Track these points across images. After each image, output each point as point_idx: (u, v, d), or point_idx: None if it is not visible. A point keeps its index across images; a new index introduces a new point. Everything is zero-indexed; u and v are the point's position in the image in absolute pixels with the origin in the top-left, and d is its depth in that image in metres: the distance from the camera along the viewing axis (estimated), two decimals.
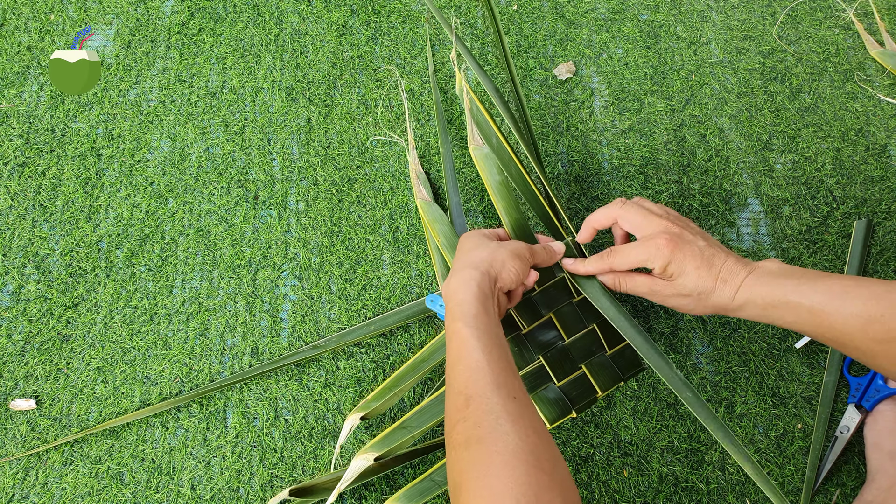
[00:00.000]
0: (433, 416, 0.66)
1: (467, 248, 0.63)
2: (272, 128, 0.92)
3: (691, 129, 0.91)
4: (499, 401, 0.49)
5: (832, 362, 0.77)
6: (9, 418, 0.78)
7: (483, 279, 0.57)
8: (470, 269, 0.58)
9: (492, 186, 0.72)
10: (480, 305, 0.56)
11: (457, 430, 0.49)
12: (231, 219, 0.87)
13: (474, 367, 0.52)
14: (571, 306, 0.69)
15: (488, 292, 0.57)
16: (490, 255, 0.60)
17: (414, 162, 0.86)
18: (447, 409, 0.53)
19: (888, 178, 0.87)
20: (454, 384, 0.52)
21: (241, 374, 0.79)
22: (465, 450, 0.47)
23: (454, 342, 0.54)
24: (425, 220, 0.78)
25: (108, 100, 0.94)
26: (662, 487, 0.74)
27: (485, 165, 0.73)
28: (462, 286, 0.57)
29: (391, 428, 0.66)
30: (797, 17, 0.98)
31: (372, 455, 0.64)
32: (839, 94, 0.92)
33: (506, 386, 0.50)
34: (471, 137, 0.75)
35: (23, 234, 0.86)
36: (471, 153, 0.74)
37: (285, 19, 0.99)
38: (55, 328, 0.82)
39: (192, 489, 0.75)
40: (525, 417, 0.48)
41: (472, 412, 0.49)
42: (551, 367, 0.67)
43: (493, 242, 0.63)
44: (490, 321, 0.55)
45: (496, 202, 0.71)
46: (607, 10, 0.99)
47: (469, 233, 0.67)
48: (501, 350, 0.54)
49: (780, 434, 0.76)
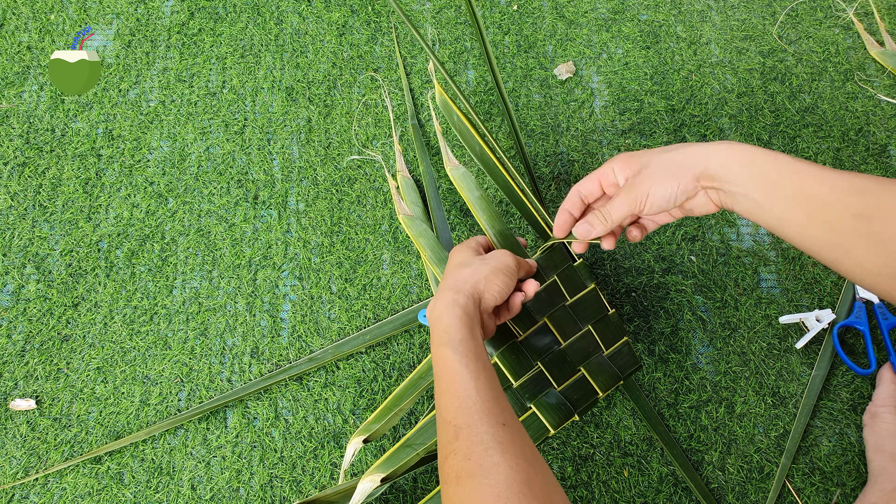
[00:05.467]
0: (435, 432, 0.66)
1: (453, 266, 0.62)
2: (272, 128, 0.92)
3: (691, 129, 0.91)
4: (488, 429, 0.49)
5: (823, 357, 0.77)
6: (9, 418, 0.78)
7: (467, 302, 0.57)
8: (452, 291, 0.57)
9: (472, 202, 0.73)
10: (466, 330, 0.55)
11: (448, 462, 0.49)
12: (231, 219, 0.87)
13: (462, 396, 0.51)
14: (565, 309, 0.68)
15: (473, 315, 0.57)
16: (472, 275, 0.59)
17: (402, 170, 0.85)
18: (438, 438, 0.52)
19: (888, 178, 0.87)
20: (443, 413, 0.52)
21: (242, 389, 0.79)
22: (457, 485, 0.47)
23: (441, 368, 0.54)
24: (410, 234, 0.78)
25: (108, 100, 0.94)
26: (662, 487, 0.74)
27: (463, 184, 0.74)
28: (446, 310, 0.56)
29: (395, 447, 0.66)
30: (797, 17, 0.98)
31: (378, 476, 0.64)
32: (839, 94, 0.92)
33: (494, 413, 0.50)
34: (446, 159, 0.77)
35: (23, 234, 0.86)
36: (448, 174, 0.76)
37: (285, 19, 0.99)
38: (55, 328, 0.82)
39: (192, 489, 0.75)
40: (515, 445, 0.48)
41: (462, 444, 0.48)
42: (550, 372, 0.67)
43: (476, 259, 0.62)
44: (476, 345, 0.55)
45: (477, 216, 0.72)
46: (607, 10, 0.99)
47: (458, 247, 0.66)
48: (488, 375, 0.54)
49: (780, 434, 0.76)
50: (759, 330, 0.80)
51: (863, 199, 0.44)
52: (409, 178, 0.86)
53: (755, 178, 0.49)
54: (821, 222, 0.46)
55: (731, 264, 0.83)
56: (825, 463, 0.74)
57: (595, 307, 0.69)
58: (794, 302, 0.81)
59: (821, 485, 0.74)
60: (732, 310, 0.81)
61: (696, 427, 0.76)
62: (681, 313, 0.81)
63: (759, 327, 0.80)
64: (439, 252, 0.76)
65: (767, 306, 0.81)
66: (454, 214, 0.87)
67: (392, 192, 0.83)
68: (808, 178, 0.47)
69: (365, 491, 0.64)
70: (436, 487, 0.67)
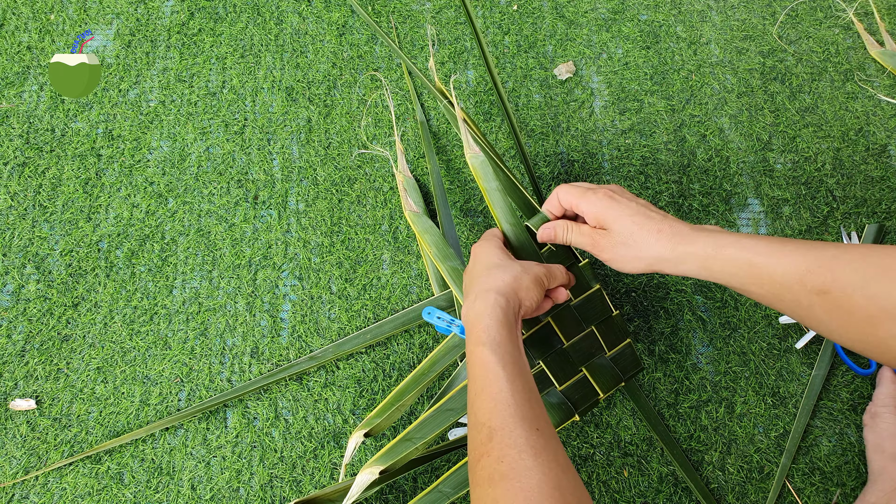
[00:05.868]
0: (435, 427, 0.66)
1: (487, 266, 0.61)
2: (272, 128, 0.92)
3: (691, 129, 0.91)
4: (522, 433, 0.48)
5: (823, 357, 0.77)
6: (9, 418, 0.78)
7: (508, 305, 0.56)
8: (495, 293, 0.57)
9: (489, 193, 0.71)
10: (506, 332, 0.55)
11: (481, 464, 0.49)
12: (231, 219, 0.87)
13: (498, 398, 0.51)
14: (569, 309, 0.68)
15: (513, 318, 0.56)
16: (515, 280, 0.58)
17: (404, 170, 0.85)
18: (470, 439, 0.52)
19: (888, 178, 0.87)
20: (477, 415, 0.52)
21: (242, 388, 0.79)
22: (490, 487, 0.47)
23: (478, 368, 0.54)
24: (415, 231, 0.78)
25: (108, 100, 0.94)
26: (662, 487, 0.74)
27: (481, 173, 0.72)
28: (488, 310, 0.55)
29: (395, 441, 0.66)
30: (797, 17, 0.98)
31: (377, 469, 0.64)
32: (839, 94, 0.92)
33: (529, 418, 0.50)
34: (466, 147, 0.75)
35: (23, 234, 0.86)
36: (467, 161, 0.74)
37: (285, 19, 0.99)
38: (55, 328, 0.82)
39: (192, 489, 0.75)
40: (548, 450, 0.48)
41: (496, 446, 0.48)
42: (552, 372, 0.67)
43: (516, 264, 0.61)
44: (515, 349, 0.54)
45: (493, 209, 0.70)
46: (607, 10, 0.99)
47: (484, 245, 0.65)
48: (525, 379, 0.53)
49: (780, 434, 0.76)
50: (759, 330, 0.80)
51: (819, 277, 0.46)
52: (411, 177, 0.86)
53: (715, 275, 0.53)
54: (786, 301, 0.49)
55: None
56: (825, 463, 0.74)
57: (600, 308, 0.69)
58: None
59: (821, 485, 0.74)
60: (732, 310, 0.81)
61: (696, 427, 0.76)
62: (681, 313, 0.81)
63: (759, 327, 0.80)
64: (444, 249, 0.76)
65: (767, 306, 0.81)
66: (454, 214, 0.87)
67: (399, 188, 0.82)
68: (766, 261, 0.49)
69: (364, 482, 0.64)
70: (429, 487, 0.67)
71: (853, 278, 0.44)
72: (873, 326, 0.43)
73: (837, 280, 0.45)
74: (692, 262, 0.53)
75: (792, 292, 0.47)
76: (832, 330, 0.46)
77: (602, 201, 0.58)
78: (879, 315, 0.43)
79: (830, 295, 0.45)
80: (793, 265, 0.47)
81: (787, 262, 0.48)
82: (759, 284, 0.50)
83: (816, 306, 0.46)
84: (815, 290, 0.46)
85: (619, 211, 0.57)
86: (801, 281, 0.47)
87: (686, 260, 0.54)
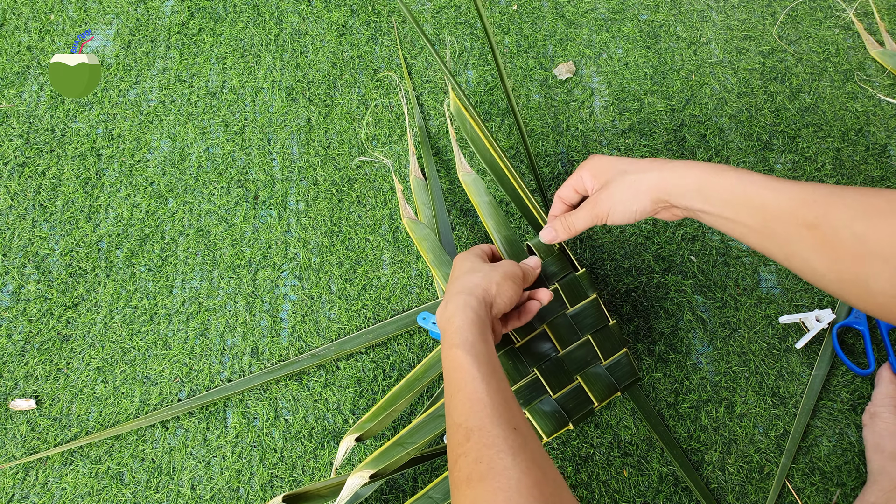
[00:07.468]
0: (428, 432, 0.66)
1: (462, 272, 0.62)
2: (272, 128, 0.92)
3: (691, 129, 0.91)
4: (499, 433, 0.48)
5: (823, 358, 0.78)
6: (9, 418, 0.78)
7: (479, 305, 0.57)
8: (465, 294, 0.58)
9: (481, 207, 0.74)
10: (478, 332, 0.55)
11: (458, 465, 0.49)
12: (231, 219, 0.87)
13: (474, 398, 0.51)
14: (565, 317, 0.68)
15: (485, 318, 0.57)
16: (485, 280, 0.59)
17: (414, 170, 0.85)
18: (448, 441, 0.52)
19: (888, 178, 0.87)
20: (454, 415, 0.52)
21: (243, 382, 0.79)
22: (469, 487, 0.47)
23: (452, 370, 0.54)
24: (413, 238, 0.79)
25: (108, 100, 0.94)
26: (662, 487, 0.74)
27: (474, 189, 0.76)
28: (458, 312, 0.56)
29: (387, 445, 0.66)
30: (797, 17, 0.98)
31: (367, 473, 0.64)
32: (839, 94, 0.92)
33: (506, 417, 0.50)
34: (459, 166, 0.79)
35: (23, 234, 0.86)
36: (460, 179, 0.78)
37: (285, 19, 0.99)
38: (55, 328, 0.82)
39: (192, 489, 0.75)
40: (526, 449, 0.48)
41: (473, 446, 0.48)
42: (546, 380, 0.66)
43: (486, 265, 0.62)
44: (488, 349, 0.55)
45: (485, 221, 0.73)
46: (607, 10, 0.99)
47: (463, 254, 0.67)
48: (500, 378, 0.54)
49: (780, 434, 0.76)
50: (759, 330, 0.80)
51: (811, 210, 0.46)
52: (422, 178, 0.86)
53: (709, 200, 0.52)
54: (775, 233, 0.49)
55: (731, 264, 0.83)
56: (825, 463, 0.74)
57: (595, 317, 0.68)
58: (793, 302, 0.81)
59: (821, 485, 0.74)
60: (732, 310, 0.81)
61: (696, 427, 0.76)
62: (681, 313, 0.81)
63: (759, 327, 0.80)
64: (441, 255, 0.76)
65: (767, 306, 0.81)
66: (454, 214, 0.87)
67: (398, 196, 0.83)
68: (760, 191, 0.50)
69: (353, 486, 0.64)
70: (426, 487, 0.67)
71: (843, 215, 0.45)
72: (856, 265, 0.44)
73: (828, 215, 0.45)
74: (691, 180, 0.53)
75: (783, 224, 0.48)
76: (815, 268, 0.47)
77: (595, 157, 0.61)
78: (863, 253, 0.43)
79: (819, 230, 0.46)
80: (788, 198, 0.48)
81: (783, 195, 0.48)
82: (752, 215, 0.50)
83: (804, 241, 0.47)
84: (805, 223, 0.46)
85: (611, 159, 0.60)
86: (793, 213, 0.47)
87: (685, 178, 0.53)
